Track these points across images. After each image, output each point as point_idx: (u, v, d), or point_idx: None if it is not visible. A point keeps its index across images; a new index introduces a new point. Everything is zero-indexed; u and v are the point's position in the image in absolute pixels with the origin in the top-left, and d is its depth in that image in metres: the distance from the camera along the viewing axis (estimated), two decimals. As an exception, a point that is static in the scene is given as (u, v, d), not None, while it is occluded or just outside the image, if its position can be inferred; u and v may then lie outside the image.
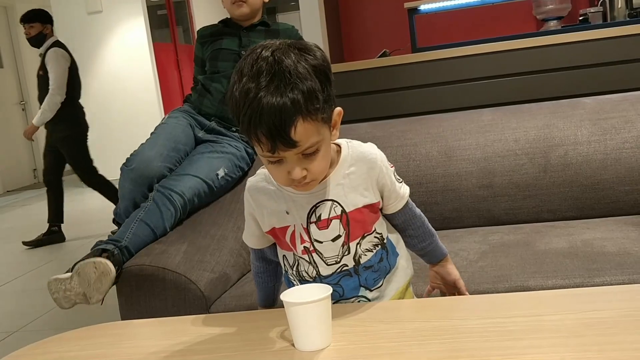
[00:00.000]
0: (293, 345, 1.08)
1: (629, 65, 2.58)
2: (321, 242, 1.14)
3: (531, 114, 2.16)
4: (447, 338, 1.07)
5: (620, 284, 1.48)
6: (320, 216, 1.13)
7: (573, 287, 1.50)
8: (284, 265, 1.22)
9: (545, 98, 2.44)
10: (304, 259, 1.16)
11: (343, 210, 1.13)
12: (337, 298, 1.17)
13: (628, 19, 4.29)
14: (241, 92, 1.00)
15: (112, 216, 2.22)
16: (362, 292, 1.18)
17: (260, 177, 1.18)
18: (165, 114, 7.55)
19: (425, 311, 1.22)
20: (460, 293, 1.33)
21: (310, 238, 1.14)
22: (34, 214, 6.53)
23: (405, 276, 1.25)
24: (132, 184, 2.07)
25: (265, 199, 1.16)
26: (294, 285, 1.19)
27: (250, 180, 1.20)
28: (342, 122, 1.13)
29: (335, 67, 2.70)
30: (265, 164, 1.09)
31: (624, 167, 1.99)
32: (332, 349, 1.07)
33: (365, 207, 1.15)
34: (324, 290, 1.08)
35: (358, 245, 1.15)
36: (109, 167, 7.59)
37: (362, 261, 1.16)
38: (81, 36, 7.44)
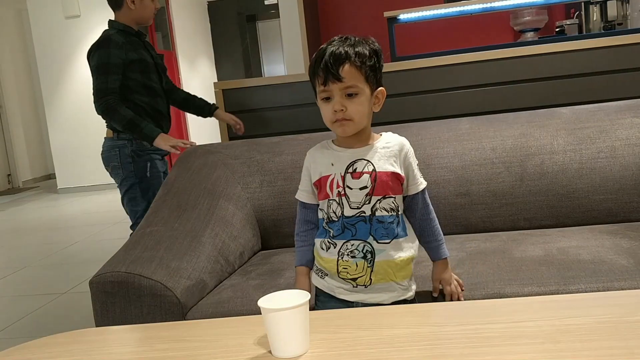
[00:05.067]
0: (270, 352, 1.08)
1: (604, 76, 2.62)
2: (351, 189, 1.44)
3: (508, 124, 2.18)
4: (425, 344, 1.07)
5: (594, 292, 1.50)
6: (355, 169, 1.44)
7: (548, 294, 1.52)
8: (321, 214, 1.50)
9: (522, 108, 2.46)
10: (335, 200, 1.46)
11: (374, 169, 1.44)
12: (349, 238, 1.44)
13: (603, 31, 4.36)
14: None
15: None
16: (370, 239, 1.44)
17: (319, 144, 1.54)
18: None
19: (403, 317, 1.23)
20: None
21: (343, 184, 1.44)
22: (8, 219, 6.43)
23: (409, 253, 1.49)
24: None
25: (320, 154, 1.52)
26: (324, 234, 1.48)
27: (312, 148, 1.56)
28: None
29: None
30: (320, 106, 1.44)
31: (599, 176, 2.02)
32: (310, 355, 1.06)
33: (392, 173, 1.44)
34: (302, 297, 1.08)
35: (378, 201, 1.44)
36: (86, 172, 7.59)
37: (376, 214, 1.44)
38: (59, 41, 7.36)
